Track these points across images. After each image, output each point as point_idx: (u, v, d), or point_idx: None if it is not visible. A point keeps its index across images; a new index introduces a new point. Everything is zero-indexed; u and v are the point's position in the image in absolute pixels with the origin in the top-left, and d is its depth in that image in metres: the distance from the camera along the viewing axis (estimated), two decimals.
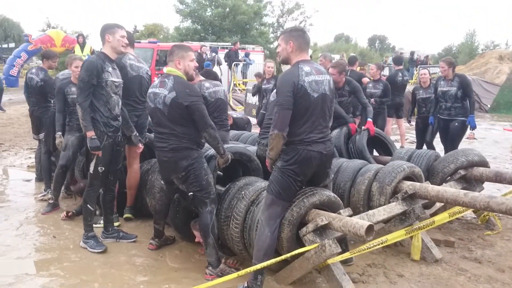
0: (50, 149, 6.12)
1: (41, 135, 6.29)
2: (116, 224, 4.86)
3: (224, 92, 5.50)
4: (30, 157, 8.44)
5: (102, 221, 4.78)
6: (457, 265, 4.20)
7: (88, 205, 4.41)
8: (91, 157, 4.32)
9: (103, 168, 4.33)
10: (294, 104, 3.35)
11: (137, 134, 4.76)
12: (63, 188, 5.91)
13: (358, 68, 10.32)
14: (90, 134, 4.17)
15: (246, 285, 3.52)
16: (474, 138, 11.66)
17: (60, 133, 5.40)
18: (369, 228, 3.24)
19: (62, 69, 6.88)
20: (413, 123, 8.68)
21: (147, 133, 5.22)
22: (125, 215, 5.12)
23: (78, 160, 5.70)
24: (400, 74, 9.08)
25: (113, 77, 4.31)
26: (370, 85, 8.45)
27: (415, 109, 8.56)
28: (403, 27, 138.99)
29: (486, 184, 5.66)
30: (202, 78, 5.44)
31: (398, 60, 9.74)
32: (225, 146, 4.29)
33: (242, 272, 3.26)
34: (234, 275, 3.28)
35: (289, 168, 3.43)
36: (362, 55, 48.68)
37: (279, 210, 3.48)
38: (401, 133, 9.58)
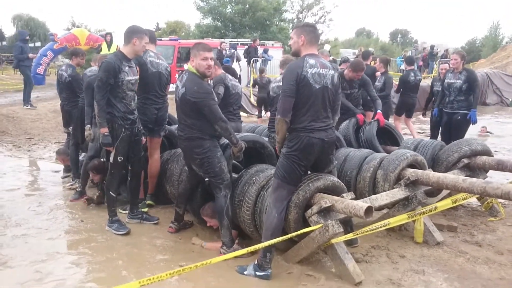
0: (77, 141, 6.49)
1: (71, 128, 6.63)
2: (144, 210, 5.23)
3: (241, 89, 5.93)
4: None
5: (127, 208, 5.14)
6: (458, 248, 4.42)
7: (110, 192, 4.75)
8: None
9: (122, 158, 4.65)
10: (296, 92, 3.64)
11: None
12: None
13: (373, 62, 10.48)
14: (104, 130, 4.46)
15: (256, 262, 3.83)
16: (488, 132, 11.65)
17: (89, 125, 5.62)
18: (368, 209, 3.51)
19: (87, 66, 7.25)
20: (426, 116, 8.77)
21: (166, 126, 5.56)
22: (147, 202, 5.47)
23: (103, 152, 6.05)
24: (413, 74, 9.06)
25: (129, 76, 4.57)
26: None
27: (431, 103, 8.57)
28: (426, 20, 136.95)
29: (498, 174, 5.83)
30: (222, 71, 5.80)
31: (409, 60, 9.73)
32: (240, 135, 4.63)
33: (251, 248, 3.55)
34: (244, 251, 3.57)
35: (293, 154, 3.72)
36: (384, 50, 48.35)
37: (285, 193, 3.78)
38: (410, 129, 9.64)
